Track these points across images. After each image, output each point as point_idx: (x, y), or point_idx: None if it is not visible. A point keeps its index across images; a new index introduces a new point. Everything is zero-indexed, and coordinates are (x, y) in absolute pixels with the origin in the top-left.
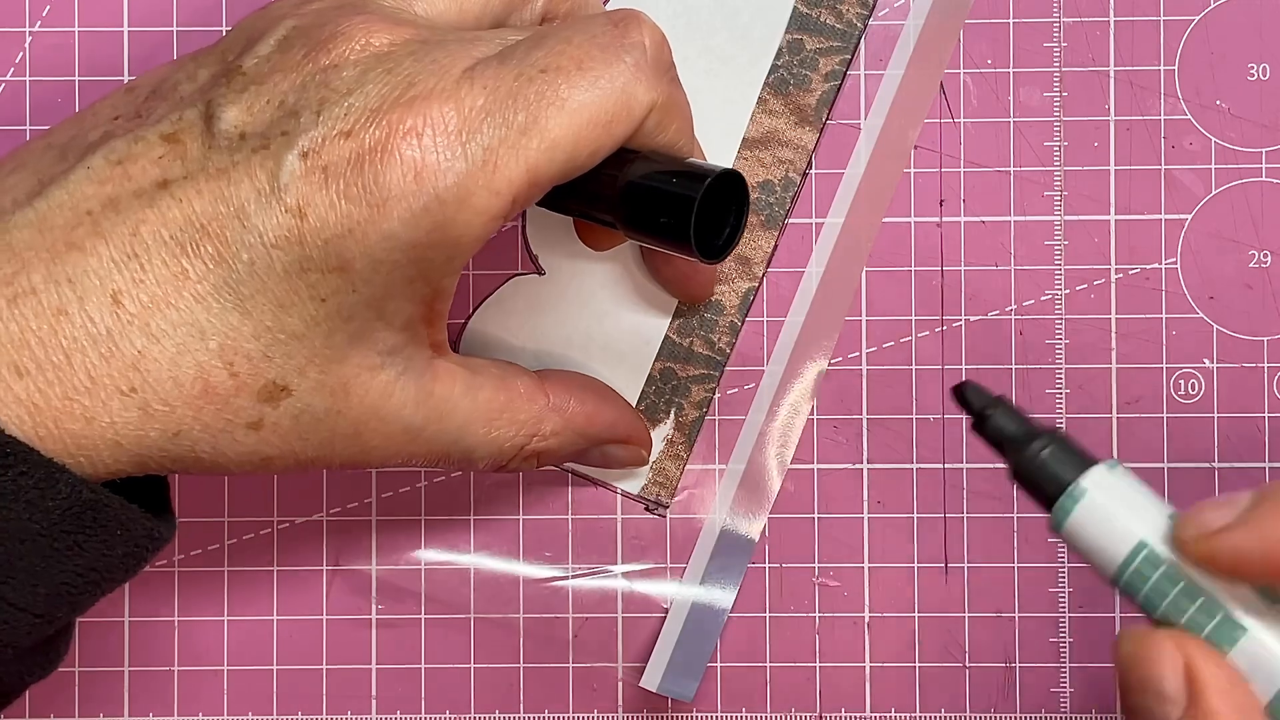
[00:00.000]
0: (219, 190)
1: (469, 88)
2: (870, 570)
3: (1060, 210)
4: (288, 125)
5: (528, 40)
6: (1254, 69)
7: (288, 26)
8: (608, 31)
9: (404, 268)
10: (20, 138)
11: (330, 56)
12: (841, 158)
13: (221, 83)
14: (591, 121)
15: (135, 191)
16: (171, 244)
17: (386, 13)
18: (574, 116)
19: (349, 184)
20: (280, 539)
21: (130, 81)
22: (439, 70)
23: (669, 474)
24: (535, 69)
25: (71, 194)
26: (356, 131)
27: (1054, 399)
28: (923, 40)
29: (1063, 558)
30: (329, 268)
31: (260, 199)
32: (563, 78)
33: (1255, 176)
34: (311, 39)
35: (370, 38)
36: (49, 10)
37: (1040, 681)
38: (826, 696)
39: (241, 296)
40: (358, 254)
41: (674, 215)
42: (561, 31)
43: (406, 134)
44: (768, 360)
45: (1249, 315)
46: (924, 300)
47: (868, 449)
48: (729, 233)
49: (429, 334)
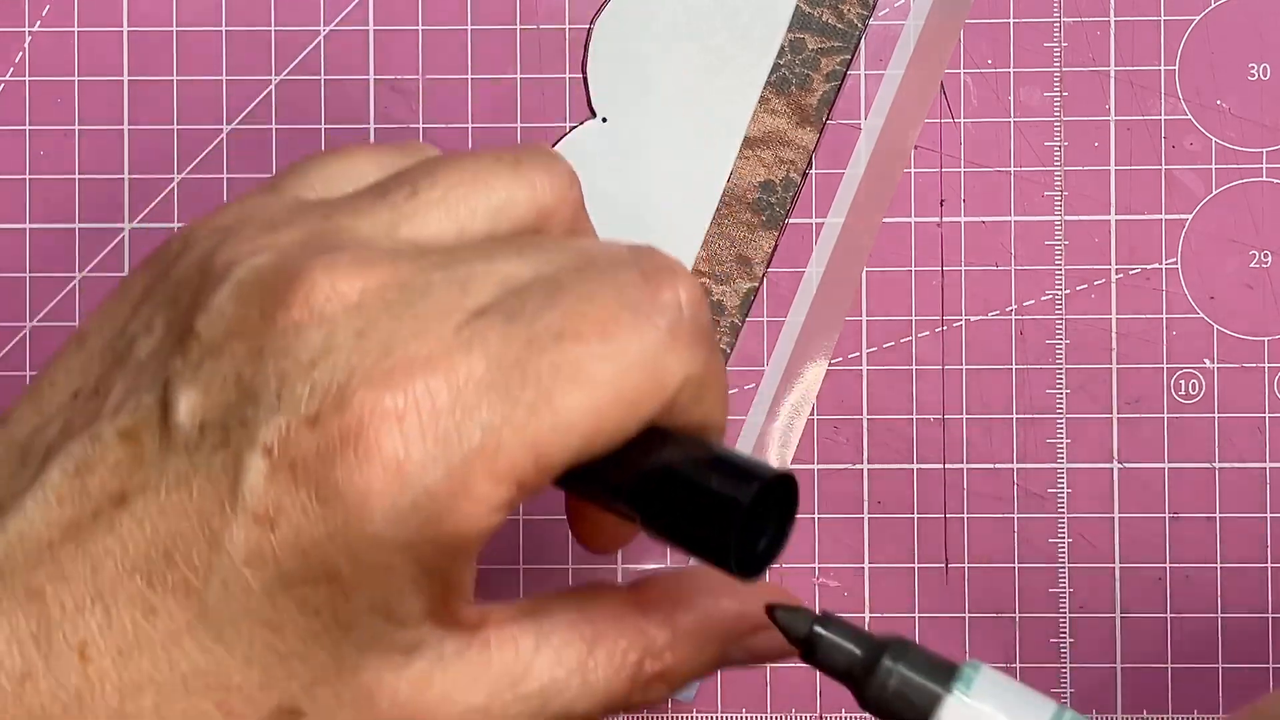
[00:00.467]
0: (181, 504)
1: (464, 354)
2: (870, 570)
3: (1060, 210)
4: (246, 412)
5: (539, 291)
6: (1254, 69)
7: (246, 269)
8: (637, 287)
9: (401, 569)
10: (20, 138)
11: (291, 313)
12: (841, 158)
13: (177, 352)
14: (615, 400)
15: (94, 512)
16: (137, 578)
17: (360, 245)
18: (594, 394)
19: (320, 483)
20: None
21: (82, 329)
22: (424, 328)
23: None
24: (549, 334)
25: (32, 523)
26: (323, 417)
27: (1054, 399)
28: (923, 40)
29: (1063, 557)
30: (314, 579)
31: (224, 511)
32: (582, 346)
33: (1256, 176)
34: (269, 288)
35: (337, 283)
36: (49, 10)
37: (1040, 682)
38: (827, 696)
39: (220, 627)
40: (343, 561)
41: (710, 521)
42: (582, 285)
43: (383, 417)
44: (768, 360)
45: (1249, 315)
46: (924, 300)
47: (868, 449)
48: (768, 542)
49: (459, 613)
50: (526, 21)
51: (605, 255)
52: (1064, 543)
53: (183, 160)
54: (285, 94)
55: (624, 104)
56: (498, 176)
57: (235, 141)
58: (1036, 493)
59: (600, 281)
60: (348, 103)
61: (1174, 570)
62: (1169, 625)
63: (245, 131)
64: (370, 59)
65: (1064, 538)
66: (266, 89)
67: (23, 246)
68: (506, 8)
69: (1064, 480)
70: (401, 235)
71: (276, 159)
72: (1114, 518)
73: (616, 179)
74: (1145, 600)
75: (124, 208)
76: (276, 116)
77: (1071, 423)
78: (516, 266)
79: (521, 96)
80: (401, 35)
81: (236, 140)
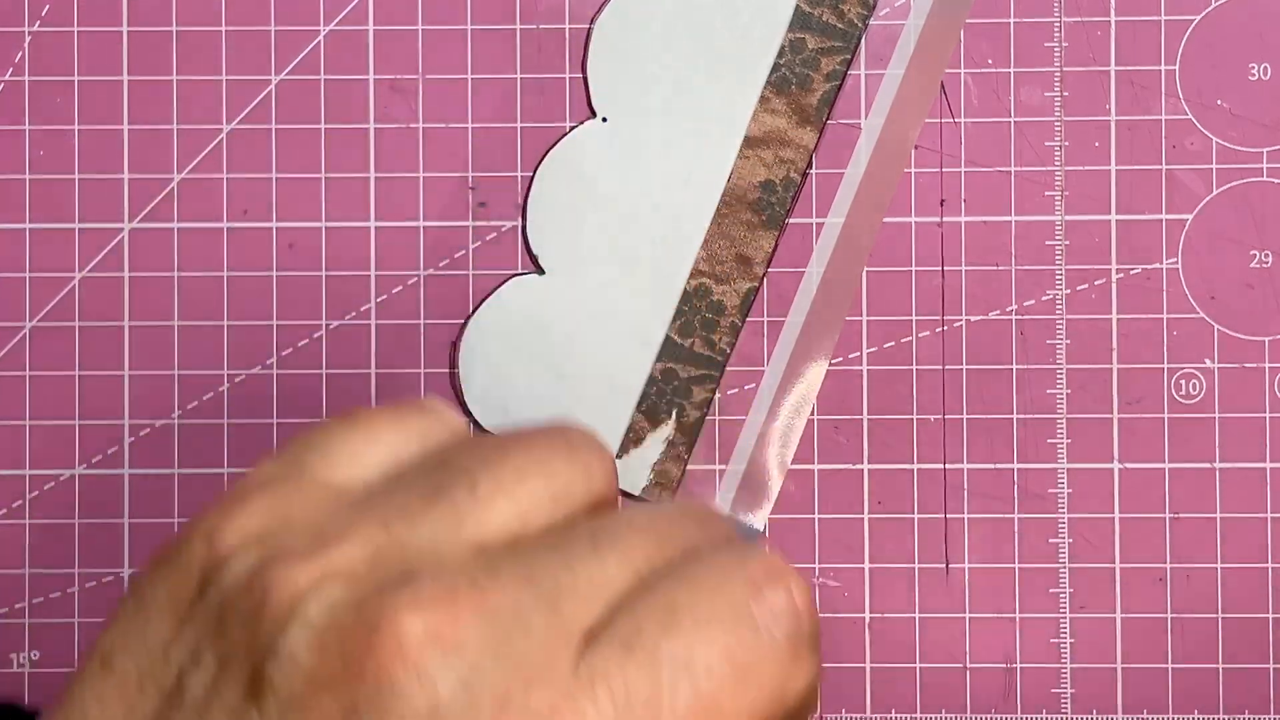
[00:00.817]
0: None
1: (589, 699)
2: (870, 570)
3: (1061, 210)
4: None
5: (650, 612)
6: (1255, 69)
7: (320, 609)
8: (754, 600)
9: None
10: (20, 138)
11: (383, 665)
12: (842, 158)
13: (251, 703)
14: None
15: None
16: None
17: (436, 568)
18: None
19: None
20: None
21: (102, 649)
22: (538, 673)
23: (670, 475)
24: (676, 666)
25: None
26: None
27: (1054, 399)
28: (923, 40)
29: (1064, 557)
30: None
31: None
32: (713, 681)
33: (1256, 176)
34: (350, 633)
35: (428, 626)
36: (49, 10)
37: (1040, 682)
38: (827, 696)
39: None
40: None
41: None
42: (695, 605)
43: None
44: (768, 360)
45: (1250, 315)
46: (924, 300)
47: (868, 449)
48: None
49: None
50: (526, 21)
51: (703, 559)
52: (1064, 543)
53: (183, 160)
54: (285, 94)
55: (624, 104)
56: (556, 461)
57: (235, 141)
58: (1036, 493)
59: (714, 600)
60: (348, 103)
61: (1174, 570)
62: (1169, 625)
63: (245, 131)
64: (370, 59)
65: (1064, 538)
66: (267, 89)
67: (23, 246)
68: (506, 8)
69: (1064, 480)
70: (466, 537)
71: (276, 159)
72: (1114, 518)
73: (616, 179)
74: (1145, 600)
75: (124, 208)
76: (276, 116)
77: (1071, 423)
78: (605, 570)
79: (521, 96)
80: (401, 35)
81: (236, 140)
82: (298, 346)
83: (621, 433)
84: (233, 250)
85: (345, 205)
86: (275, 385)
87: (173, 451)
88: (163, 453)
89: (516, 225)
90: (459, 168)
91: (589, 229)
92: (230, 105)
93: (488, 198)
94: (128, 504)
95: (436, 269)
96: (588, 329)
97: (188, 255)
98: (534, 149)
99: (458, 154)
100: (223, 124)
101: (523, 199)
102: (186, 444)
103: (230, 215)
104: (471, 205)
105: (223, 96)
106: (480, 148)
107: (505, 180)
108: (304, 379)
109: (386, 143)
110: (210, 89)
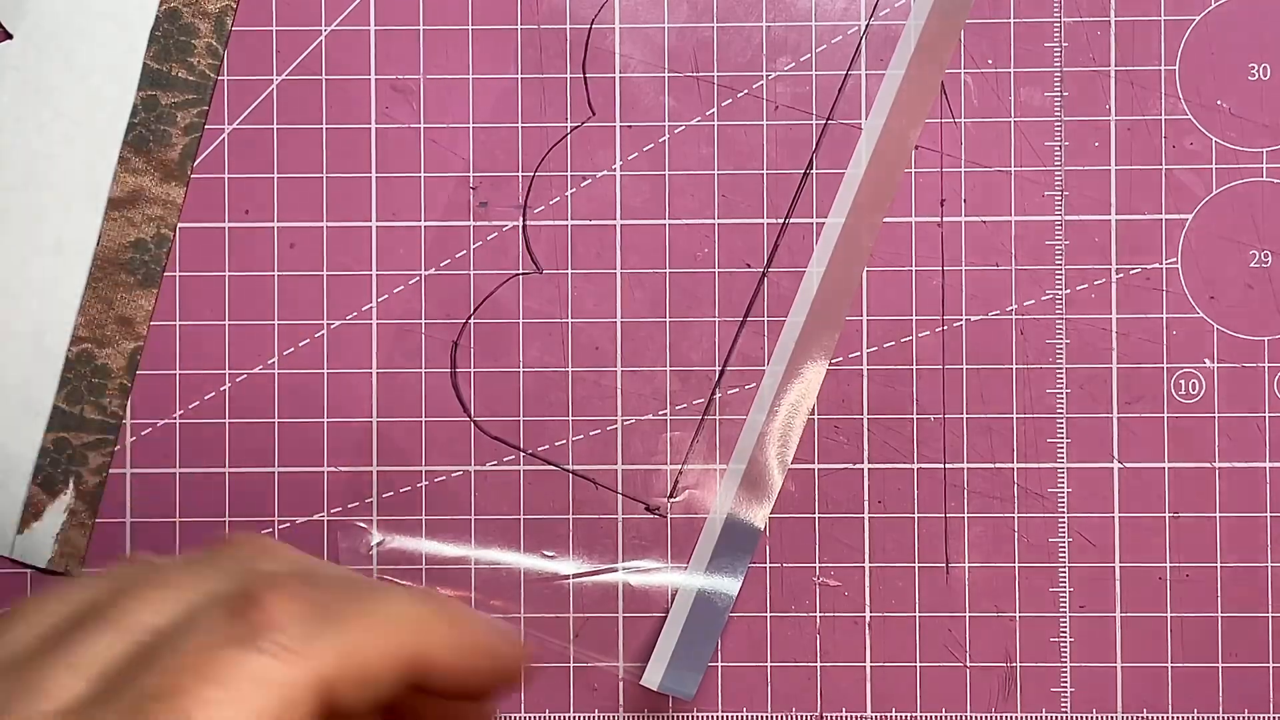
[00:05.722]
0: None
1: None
2: (870, 570)
3: (1061, 210)
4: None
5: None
6: (1254, 69)
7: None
8: (225, 625)
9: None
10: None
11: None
12: (842, 158)
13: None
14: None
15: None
16: None
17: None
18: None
19: None
20: (280, 539)
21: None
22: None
23: (76, 543)
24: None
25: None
26: None
27: (1054, 399)
28: (923, 40)
29: (1063, 557)
30: None
31: None
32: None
33: (1256, 176)
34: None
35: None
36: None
37: (1040, 681)
38: (827, 696)
39: None
40: None
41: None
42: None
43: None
44: (768, 360)
45: (1249, 315)
46: (924, 300)
47: (868, 449)
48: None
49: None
50: (527, 22)
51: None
52: (1064, 543)
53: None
54: (286, 94)
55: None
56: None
57: (235, 141)
58: (1036, 493)
59: (183, 632)
60: (348, 102)
61: (1174, 570)
62: (1169, 625)
63: (245, 131)
64: (371, 59)
65: (1064, 538)
66: (267, 89)
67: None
68: (507, 8)
69: (1064, 480)
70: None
71: (277, 159)
72: (1114, 518)
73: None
74: (1145, 600)
75: None
76: (277, 116)
77: (1071, 423)
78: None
79: (522, 96)
80: (402, 35)
81: (237, 140)
82: (299, 346)
83: (20, 509)
84: (234, 250)
85: (346, 205)
86: (276, 384)
87: (174, 451)
88: (164, 452)
89: (517, 225)
90: (460, 168)
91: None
92: (232, 105)
93: (488, 197)
94: (129, 503)
95: (438, 269)
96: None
97: (189, 255)
98: (534, 149)
99: (458, 154)
100: (225, 124)
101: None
102: (188, 443)
103: (232, 215)
104: (472, 205)
105: (224, 96)
106: (481, 148)
107: (505, 180)
108: (305, 378)
109: (387, 143)
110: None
